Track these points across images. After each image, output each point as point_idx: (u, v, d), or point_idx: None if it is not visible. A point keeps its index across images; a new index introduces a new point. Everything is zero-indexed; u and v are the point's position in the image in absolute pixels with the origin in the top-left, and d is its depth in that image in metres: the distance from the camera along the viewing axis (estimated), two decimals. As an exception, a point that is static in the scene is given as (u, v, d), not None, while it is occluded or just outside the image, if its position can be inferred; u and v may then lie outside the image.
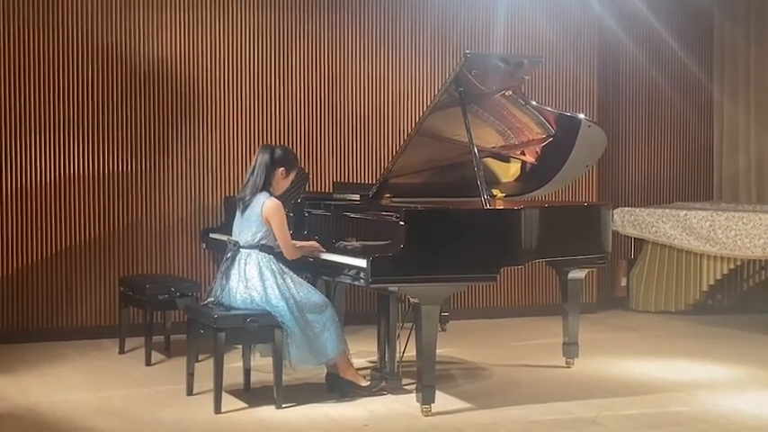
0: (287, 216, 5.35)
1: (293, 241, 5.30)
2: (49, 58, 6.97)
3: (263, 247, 5.23)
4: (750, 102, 8.91)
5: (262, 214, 5.20)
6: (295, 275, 5.27)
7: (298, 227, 5.67)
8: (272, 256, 5.23)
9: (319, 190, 7.42)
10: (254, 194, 5.25)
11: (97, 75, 7.08)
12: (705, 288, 8.07)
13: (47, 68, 6.97)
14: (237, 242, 5.28)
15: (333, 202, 5.75)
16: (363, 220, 5.34)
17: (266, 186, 5.27)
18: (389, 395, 5.37)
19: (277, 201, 5.24)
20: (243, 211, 5.29)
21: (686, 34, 9.08)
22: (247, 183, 5.31)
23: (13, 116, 6.90)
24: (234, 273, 5.23)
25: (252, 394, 5.38)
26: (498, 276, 5.06)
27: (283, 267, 5.23)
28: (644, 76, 8.94)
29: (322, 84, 7.67)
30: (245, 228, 5.27)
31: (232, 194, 7.14)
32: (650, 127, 9.05)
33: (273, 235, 5.23)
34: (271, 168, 5.28)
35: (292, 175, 5.40)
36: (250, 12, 7.45)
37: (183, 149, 7.32)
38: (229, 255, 5.29)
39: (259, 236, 5.23)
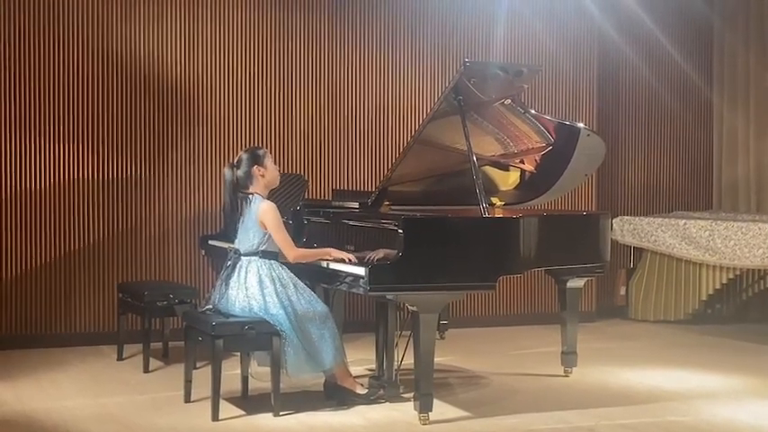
0: (285, 224, 5.34)
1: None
2: (48, 63, 6.98)
3: (264, 254, 5.21)
4: (750, 110, 8.92)
5: (258, 219, 5.19)
6: (300, 283, 5.22)
7: (297, 234, 5.66)
8: (273, 262, 5.20)
9: (318, 197, 7.42)
10: (238, 208, 5.22)
11: (96, 80, 7.09)
12: (704, 297, 8.06)
13: (45, 74, 6.97)
14: (238, 250, 5.28)
15: (332, 210, 5.74)
16: (362, 227, 5.33)
17: (248, 192, 5.23)
18: (387, 403, 5.36)
19: (271, 203, 5.22)
20: (240, 222, 5.27)
21: (686, 42, 9.10)
22: (229, 204, 5.29)
23: (12, 121, 6.90)
24: (234, 281, 5.21)
25: (250, 402, 5.37)
26: (497, 285, 5.07)
27: (285, 275, 5.20)
28: (643, 84, 8.95)
29: (322, 92, 7.67)
30: (244, 236, 5.26)
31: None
32: (650, 135, 9.05)
33: (273, 240, 5.21)
34: (243, 180, 5.24)
35: (269, 163, 5.30)
36: (250, 21, 7.46)
37: (183, 156, 7.32)
38: (230, 263, 5.28)
39: (257, 241, 5.21)
